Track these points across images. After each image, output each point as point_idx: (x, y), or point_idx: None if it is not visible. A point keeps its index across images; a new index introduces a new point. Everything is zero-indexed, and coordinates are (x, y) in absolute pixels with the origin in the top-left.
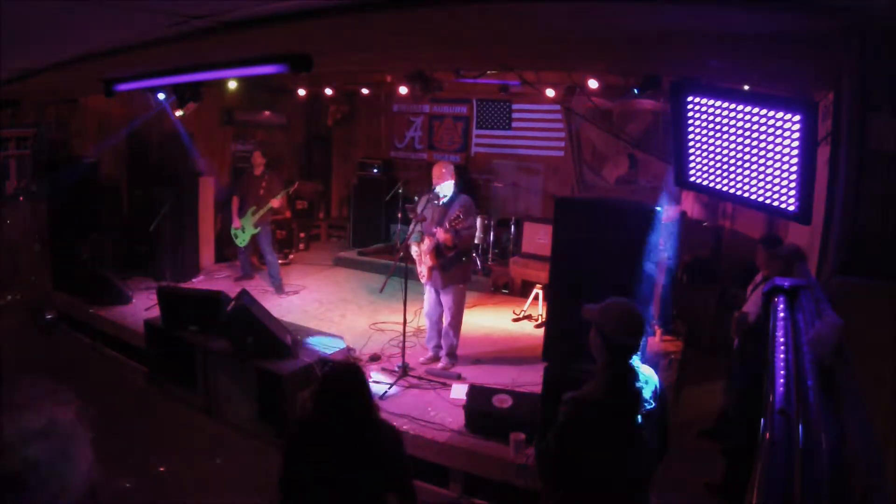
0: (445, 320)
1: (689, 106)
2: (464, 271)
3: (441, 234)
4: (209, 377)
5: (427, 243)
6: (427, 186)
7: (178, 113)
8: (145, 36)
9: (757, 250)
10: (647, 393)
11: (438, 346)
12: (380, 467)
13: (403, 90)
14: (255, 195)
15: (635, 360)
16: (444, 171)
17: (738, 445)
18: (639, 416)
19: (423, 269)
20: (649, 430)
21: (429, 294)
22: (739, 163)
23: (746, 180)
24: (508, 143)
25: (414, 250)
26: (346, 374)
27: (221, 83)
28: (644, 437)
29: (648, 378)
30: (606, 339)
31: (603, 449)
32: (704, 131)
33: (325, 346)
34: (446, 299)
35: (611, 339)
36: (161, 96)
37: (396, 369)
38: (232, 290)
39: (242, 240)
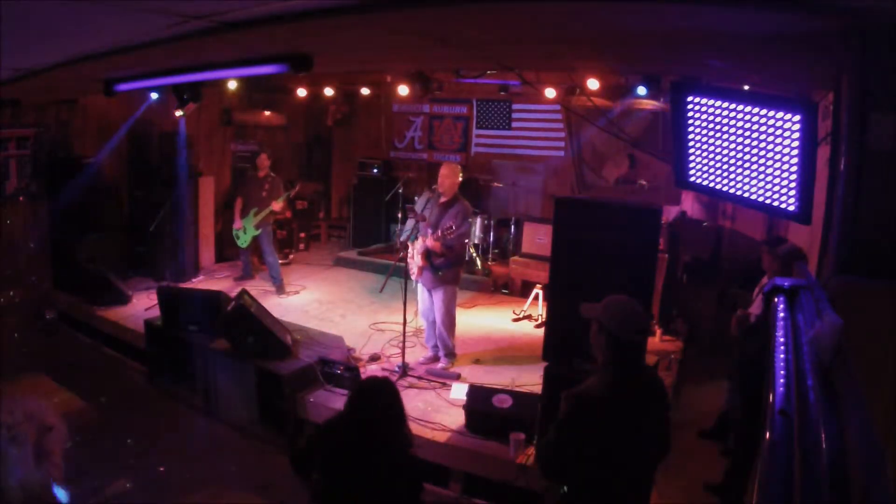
0: (437, 320)
1: (689, 106)
2: (454, 274)
3: (430, 243)
4: (209, 377)
5: (420, 243)
6: (427, 186)
7: (178, 113)
8: (145, 36)
9: (762, 253)
10: None
11: (437, 346)
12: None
13: (403, 90)
14: (258, 197)
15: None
16: (449, 172)
17: (738, 445)
18: (640, 414)
19: (413, 268)
20: (650, 428)
21: (422, 294)
22: (739, 163)
23: (746, 180)
24: (508, 143)
25: (409, 250)
26: (378, 392)
27: (221, 83)
28: (645, 435)
29: None
30: (612, 336)
31: (603, 445)
32: (704, 131)
33: None
34: (436, 299)
35: (618, 336)
36: (154, 95)
37: (396, 369)
38: (232, 290)
39: (244, 241)
